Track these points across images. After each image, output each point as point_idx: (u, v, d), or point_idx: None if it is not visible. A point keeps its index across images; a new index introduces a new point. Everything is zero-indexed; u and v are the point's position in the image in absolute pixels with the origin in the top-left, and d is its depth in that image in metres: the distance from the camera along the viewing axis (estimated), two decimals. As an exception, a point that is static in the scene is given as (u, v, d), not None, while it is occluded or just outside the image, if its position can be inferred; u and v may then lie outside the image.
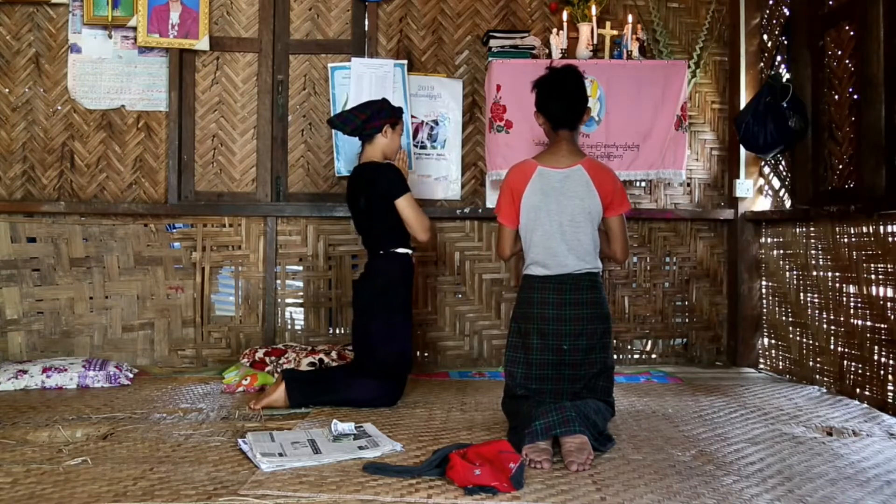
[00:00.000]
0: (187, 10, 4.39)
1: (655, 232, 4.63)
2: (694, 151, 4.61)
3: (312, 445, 2.58)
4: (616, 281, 4.60)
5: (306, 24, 4.57)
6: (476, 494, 2.16)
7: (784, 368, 4.23)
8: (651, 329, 4.63)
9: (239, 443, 2.62)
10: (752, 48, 4.51)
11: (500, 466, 2.23)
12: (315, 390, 3.29)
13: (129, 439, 2.77)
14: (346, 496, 2.15)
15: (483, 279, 4.54)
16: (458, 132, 4.53)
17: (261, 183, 4.53)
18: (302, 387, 3.27)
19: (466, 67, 4.57)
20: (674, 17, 4.61)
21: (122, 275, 4.40)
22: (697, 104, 4.63)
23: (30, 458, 2.53)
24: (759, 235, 4.51)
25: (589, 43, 4.24)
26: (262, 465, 2.37)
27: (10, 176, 4.39)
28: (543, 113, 3.02)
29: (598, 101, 4.18)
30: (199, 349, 4.43)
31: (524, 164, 3.01)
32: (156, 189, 4.47)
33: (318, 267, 4.51)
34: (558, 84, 2.98)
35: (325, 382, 3.31)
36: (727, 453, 2.65)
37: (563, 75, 3.00)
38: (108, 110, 4.44)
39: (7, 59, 4.39)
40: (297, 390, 3.25)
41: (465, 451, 2.36)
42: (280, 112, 4.55)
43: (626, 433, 2.91)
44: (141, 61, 4.45)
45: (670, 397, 3.61)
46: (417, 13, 4.55)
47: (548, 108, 2.99)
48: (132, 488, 2.21)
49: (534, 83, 3.04)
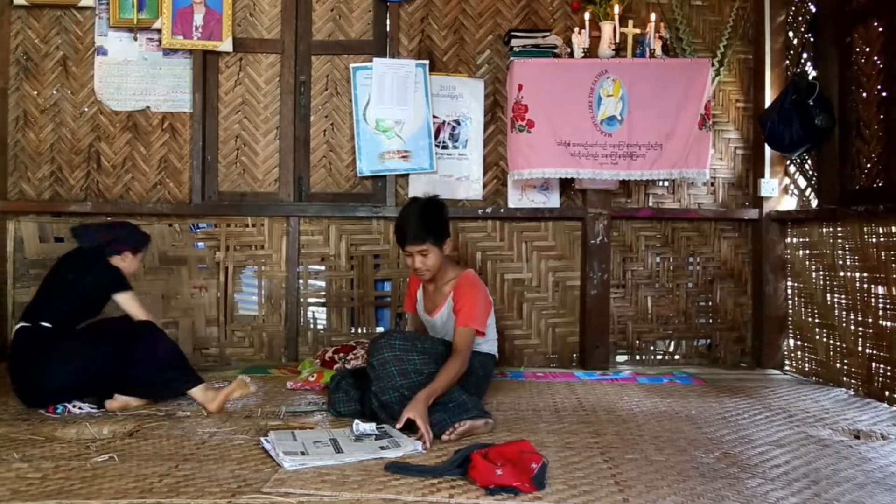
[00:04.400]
0: (211, 12, 4.42)
1: (678, 232, 4.59)
2: (718, 150, 4.57)
3: (334, 445, 2.59)
4: (638, 281, 4.57)
5: (328, 25, 4.59)
6: (498, 494, 2.16)
7: (810, 370, 4.18)
8: (674, 330, 4.59)
9: (261, 441, 2.64)
10: (778, 46, 4.46)
11: (522, 467, 2.23)
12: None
13: (155, 436, 2.80)
14: (368, 495, 2.16)
15: (505, 279, 4.53)
16: (480, 132, 4.53)
17: (283, 183, 4.56)
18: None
19: (488, 67, 4.56)
20: (697, 15, 4.58)
21: (148, 274, 4.44)
22: (721, 103, 4.58)
23: (58, 454, 2.56)
24: (785, 235, 4.46)
25: (611, 42, 4.21)
26: (285, 464, 2.38)
27: (38, 177, 4.46)
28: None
29: (620, 101, 4.15)
30: (223, 348, 4.47)
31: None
32: (180, 189, 4.51)
33: (340, 267, 4.53)
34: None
35: None
36: (752, 456, 2.62)
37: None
38: (133, 111, 4.49)
39: (35, 62, 4.46)
40: None
41: (486, 451, 2.36)
42: (302, 112, 4.57)
43: (648, 434, 2.89)
44: (165, 63, 4.49)
45: (694, 398, 3.58)
46: (439, 13, 4.55)
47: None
48: (158, 485, 2.23)
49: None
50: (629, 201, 4.58)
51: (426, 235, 3.09)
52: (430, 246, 3.11)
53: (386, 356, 2.87)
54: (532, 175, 4.18)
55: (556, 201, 4.51)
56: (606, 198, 4.38)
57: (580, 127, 4.15)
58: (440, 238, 3.15)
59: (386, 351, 2.88)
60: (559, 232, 4.54)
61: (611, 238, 4.42)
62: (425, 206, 3.19)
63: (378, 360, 2.87)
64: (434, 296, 3.31)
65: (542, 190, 4.50)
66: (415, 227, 3.10)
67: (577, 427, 3.00)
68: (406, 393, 2.82)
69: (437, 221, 3.17)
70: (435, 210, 3.20)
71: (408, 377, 2.84)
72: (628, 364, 4.53)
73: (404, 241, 3.13)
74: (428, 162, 4.46)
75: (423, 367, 2.87)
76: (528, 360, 4.50)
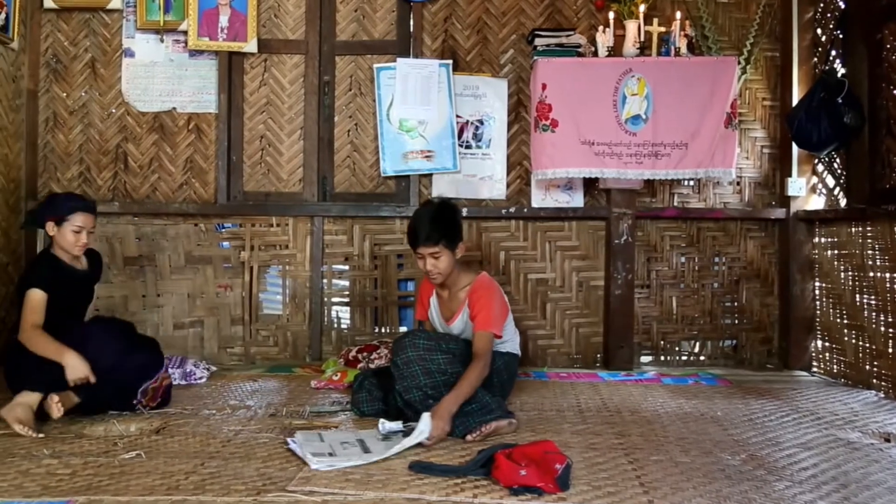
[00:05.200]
0: (236, 14, 4.46)
1: (704, 232, 4.55)
2: (744, 149, 4.52)
3: (362, 445, 2.59)
4: (663, 281, 4.54)
5: (352, 26, 4.61)
6: (522, 495, 2.16)
7: (839, 372, 4.12)
8: (699, 330, 4.55)
9: (288, 442, 2.65)
10: (805, 43, 4.40)
11: (546, 467, 2.22)
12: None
13: (181, 434, 2.83)
14: (393, 494, 2.16)
15: (528, 279, 4.52)
16: (504, 131, 4.52)
17: (307, 183, 4.58)
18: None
19: (511, 66, 4.55)
20: (723, 13, 4.53)
21: (174, 273, 4.49)
22: (748, 101, 4.54)
23: (87, 450, 2.60)
24: (813, 235, 4.40)
25: (636, 40, 4.18)
26: (313, 465, 2.39)
27: (67, 177, 4.52)
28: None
29: (644, 100, 4.12)
30: (248, 347, 4.50)
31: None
32: (205, 189, 4.56)
33: (364, 266, 4.54)
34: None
35: None
36: (779, 458, 2.59)
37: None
38: (159, 112, 4.54)
39: (65, 65, 4.52)
40: None
41: (510, 451, 2.35)
42: (326, 113, 4.59)
43: (673, 435, 2.87)
44: (191, 64, 4.54)
45: (719, 400, 3.54)
46: (462, 13, 4.55)
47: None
48: (184, 482, 2.26)
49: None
50: (654, 201, 4.55)
51: (439, 237, 3.07)
52: (442, 248, 3.08)
53: (410, 355, 2.87)
54: (556, 175, 4.16)
55: (580, 201, 4.49)
56: (631, 197, 4.35)
57: (604, 126, 4.12)
58: (453, 241, 3.12)
59: (410, 350, 2.88)
60: (583, 232, 4.52)
61: (635, 238, 4.39)
62: (438, 208, 3.19)
63: (402, 360, 2.88)
64: (450, 303, 3.29)
65: (566, 189, 4.48)
66: (427, 228, 3.08)
67: (601, 428, 2.98)
68: (430, 392, 2.82)
69: (451, 224, 3.15)
70: (448, 212, 3.18)
71: (432, 377, 2.84)
72: (653, 365, 4.49)
73: (416, 243, 3.11)
74: (451, 162, 4.46)
75: (448, 366, 2.87)
76: (552, 360, 4.49)
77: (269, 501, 2.11)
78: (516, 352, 3.34)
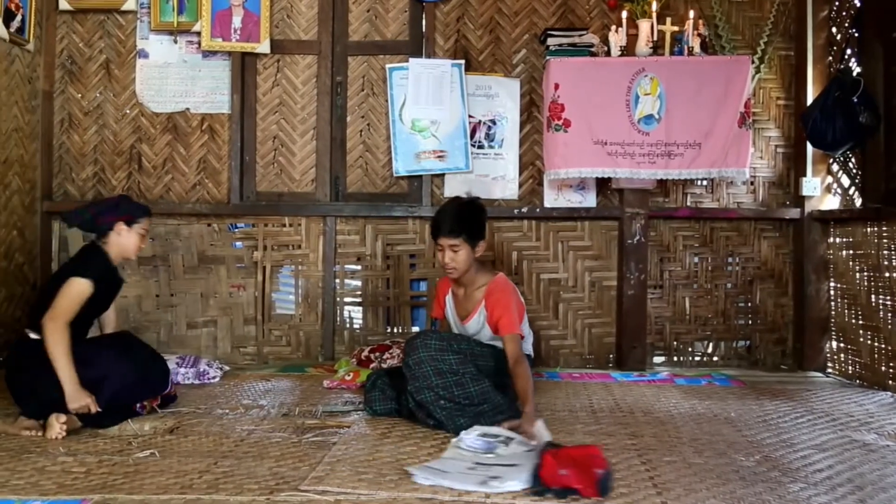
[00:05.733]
0: (249, 15, 4.48)
1: (717, 232, 4.53)
2: (758, 149, 4.50)
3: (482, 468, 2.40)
4: (676, 281, 4.52)
5: (364, 26, 4.62)
6: (562, 497, 2.13)
7: (854, 373, 4.09)
8: (713, 331, 4.53)
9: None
10: (820, 42, 4.37)
11: (588, 470, 2.19)
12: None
13: (195, 433, 2.84)
14: (405, 494, 2.16)
15: (541, 279, 4.51)
16: (516, 131, 4.52)
17: (320, 183, 4.59)
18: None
19: (524, 66, 4.54)
20: (737, 12, 4.51)
21: (187, 273, 4.52)
22: (762, 100, 4.51)
23: (101, 449, 2.62)
24: (827, 235, 4.37)
25: (649, 40, 4.17)
26: (419, 478, 2.25)
27: (82, 177, 4.56)
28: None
29: (657, 99, 4.10)
30: (261, 347, 4.52)
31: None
32: (219, 189, 4.58)
33: (376, 266, 4.55)
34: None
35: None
36: (793, 460, 2.57)
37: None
38: (173, 113, 4.57)
39: (80, 66, 4.56)
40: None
41: (557, 451, 2.32)
42: (339, 113, 4.60)
43: (687, 436, 2.86)
44: (205, 65, 4.56)
45: (733, 401, 3.53)
46: (474, 13, 4.55)
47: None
48: (198, 481, 2.27)
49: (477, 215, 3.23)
50: (667, 201, 4.53)
51: (461, 230, 3.09)
52: (462, 242, 3.09)
53: (421, 356, 2.87)
54: (568, 175, 4.15)
55: (593, 201, 4.48)
56: (644, 197, 4.34)
57: (617, 126, 4.11)
58: (474, 237, 3.13)
59: (422, 351, 2.89)
60: (595, 232, 4.51)
61: (648, 238, 4.37)
62: (465, 204, 3.23)
63: (414, 360, 2.88)
64: (465, 302, 3.28)
65: (579, 189, 4.47)
66: (451, 220, 3.11)
67: (613, 428, 2.98)
68: (441, 392, 2.83)
69: (474, 220, 3.17)
70: (474, 210, 3.21)
71: (443, 377, 2.84)
72: (666, 365, 4.48)
73: (438, 233, 3.13)
74: (464, 162, 4.46)
75: (459, 366, 2.87)
76: (564, 360, 4.48)
77: (282, 501, 2.12)
78: (529, 352, 3.33)
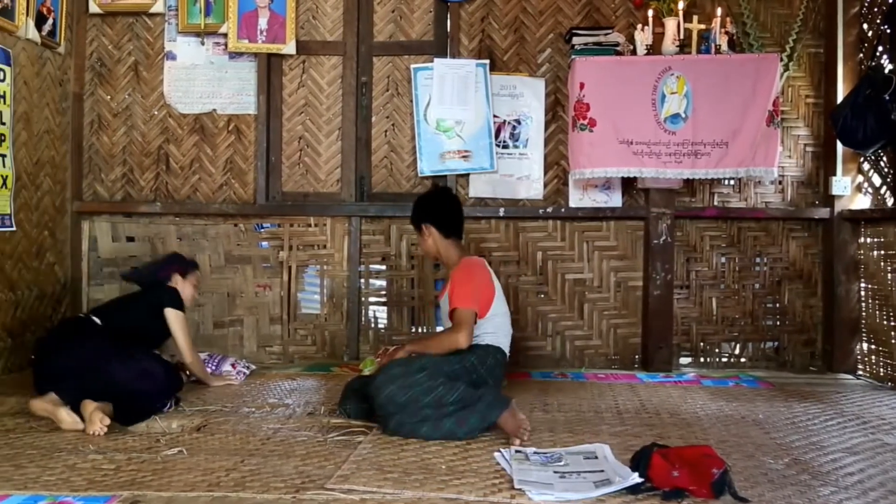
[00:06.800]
0: (275, 16, 4.51)
1: (745, 232, 4.48)
2: (786, 148, 4.44)
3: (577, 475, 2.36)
4: (703, 282, 4.48)
5: (389, 27, 4.63)
6: (673, 499, 2.11)
7: (885, 375, 4.03)
8: (740, 332, 4.48)
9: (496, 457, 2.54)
10: (851, 38, 4.30)
11: (702, 471, 2.16)
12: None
13: (221, 431, 2.87)
14: (430, 494, 2.17)
15: (566, 279, 4.49)
16: (541, 131, 4.50)
17: (345, 183, 4.61)
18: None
19: (549, 66, 4.53)
20: (765, 9, 4.45)
21: (214, 273, 4.56)
22: (790, 99, 4.45)
23: (130, 446, 2.65)
24: (858, 235, 4.30)
25: (675, 38, 4.13)
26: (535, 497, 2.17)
27: (111, 178, 4.62)
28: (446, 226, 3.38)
29: (684, 98, 4.07)
30: (286, 346, 4.55)
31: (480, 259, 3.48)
32: (245, 190, 4.61)
33: (401, 266, 4.56)
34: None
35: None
36: (823, 463, 2.54)
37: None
38: (200, 114, 4.61)
39: (109, 68, 4.62)
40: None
41: (666, 451, 2.30)
42: (364, 113, 4.62)
43: (714, 438, 2.83)
44: (231, 66, 4.60)
45: (761, 403, 3.48)
46: (499, 12, 4.54)
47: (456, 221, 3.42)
48: (225, 479, 2.29)
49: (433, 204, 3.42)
50: (693, 200, 4.49)
51: (412, 220, 3.43)
52: (418, 229, 3.41)
53: (390, 390, 2.79)
54: (594, 174, 4.13)
55: (618, 201, 4.45)
56: (670, 197, 4.30)
57: (643, 125, 4.08)
58: (418, 224, 3.38)
59: (387, 385, 2.80)
60: (621, 231, 4.48)
61: (674, 238, 4.34)
62: (424, 194, 3.55)
63: (385, 398, 2.79)
64: (446, 281, 3.42)
65: (604, 189, 4.44)
66: (412, 212, 3.43)
67: (639, 430, 2.95)
68: (428, 412, 2.76)
69: (415, 209, 3.42)
70: (431, 198, 3.46)
71: (431, 393, 2.77)
72: (692, 366, 4.44)
73: None
74: (488, 161, 4.45)
75: (429, 380, 2.81)
76: (590, 361, 4.46)
77: (308, 499, 2.13)
78: (500, 346, 3.25)
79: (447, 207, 3.42)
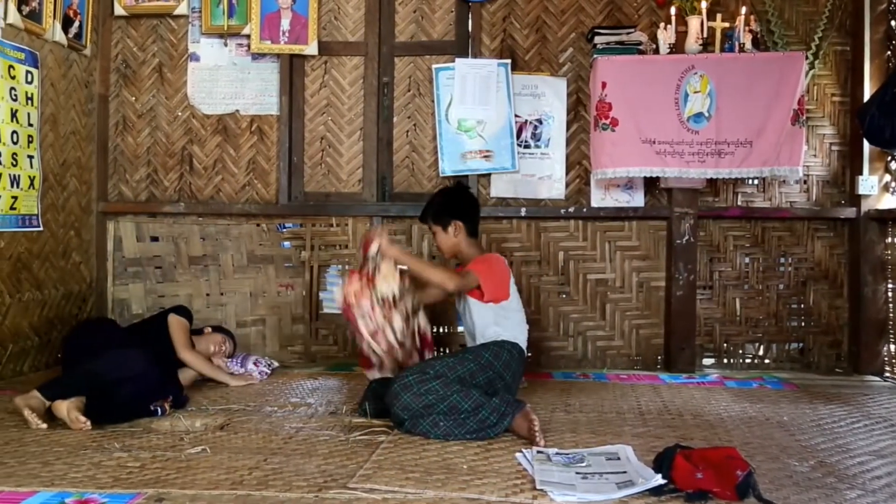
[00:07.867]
0: (297, 17, 4.53)
1: (769, 231, 4.43)
2: (812, 147, 4.39)
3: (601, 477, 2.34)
4: (726, 282, 4.44)
5: (411, 27, 4.64)
6: (697, 501, 2.10)
7: (913, 377, 3.97)
8: (764, 332, 4.44)
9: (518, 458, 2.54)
10: (878, 36, 4.25)
11: (726, 473, 2.15)
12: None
13: (244, 430, 2.89)
14: (452, 494, 2.17)
15: (588, 279, 4.47)
16: (563, 131, 4.49)
17: (367, 183, 4.63)
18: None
19: (571, 65, 4.51)
20: (790, 7, 4.40)
21: (237, 272, 4.59)
22: (816, 97, 4.40)
23: (154, 444, 2.68)
24: (885, 235, 4.24)
25: (698, 37, 4.09)
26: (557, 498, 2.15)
27: (135, 179, 4.67)
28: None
29: (707, 97, 4.03)
30: (308, 345, 4.57)
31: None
32: (267, 190, 4.64)
33: (422, 266, 4.56)
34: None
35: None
36: (850, 466, 2.51)
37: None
38: (223, 115, 4.65)
39: (133, 70, 4.67)
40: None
41: (689, 452, 2.29)
42: (385, 113, 4.63)
43: (738, 440, 2.80)
44: (254, 67, 4.63)
45: (785, 404, 3.45)
46: (521, 12, 4.53)
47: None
48: (248, 478, 2.31)
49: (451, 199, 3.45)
50: (717, 200, 4.45)
51: (426, 217, 3.46)
52: (433, 227, 3.42)
53: (405, 399, 2.79)
54: (616, 174, 4.10)
55: (641, 200, 4.43)
56: (693, 196, 4.27)
57: (666, 124, 4.05)
58: (438, 220, 3.38)
59: (403, 394, 2.80)
60: (643, 231, 4.45)
61: (697, 238, 4.30)
62: (438, 192, 3.60)
63: (399, 407, 2.80)
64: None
65: (626, 189, 4.42)
66: (424, 210, 3.48)
67: (662, 431, 2.93)
68: (442, 422, 2.76)
69: (439, 205, 3.42)
70: (440, 195, 3.51)
71: (445, 401, 2.77)
72: (715, 367, 4.40)
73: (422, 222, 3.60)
74: (510, 161, 4.44)
75: (444, 389, 2.80)
76: (612, 361, 4.44)
77: (331, 498, 2.14)
78: (518, 342, 3.22)
79: (475, 206, 3.53)
